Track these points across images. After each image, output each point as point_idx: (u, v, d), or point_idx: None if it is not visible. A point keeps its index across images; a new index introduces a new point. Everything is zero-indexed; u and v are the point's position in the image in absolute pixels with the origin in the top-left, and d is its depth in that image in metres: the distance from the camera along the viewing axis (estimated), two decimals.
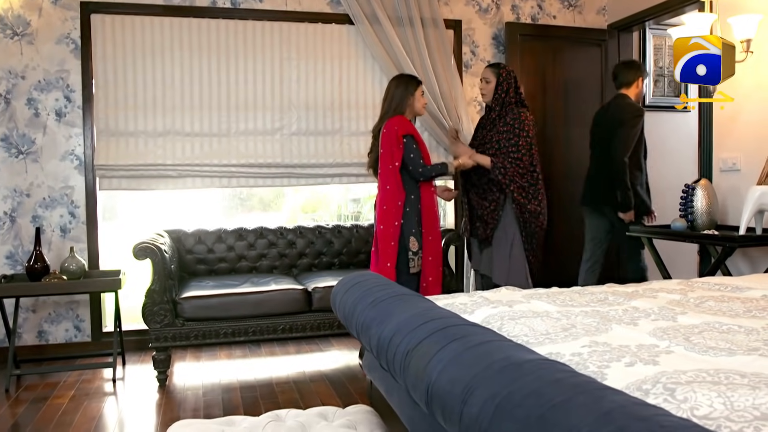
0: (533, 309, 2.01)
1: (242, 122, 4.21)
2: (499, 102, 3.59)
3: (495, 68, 3.64)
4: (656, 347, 1.55)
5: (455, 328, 1.44)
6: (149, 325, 3.41)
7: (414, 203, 3.42)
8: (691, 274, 4.24)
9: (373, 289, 1.98)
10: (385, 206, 3.35)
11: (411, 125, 3.45)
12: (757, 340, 1.59)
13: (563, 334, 1.69)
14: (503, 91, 3.59)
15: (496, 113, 3.61)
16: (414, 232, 3.38)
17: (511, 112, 3.54)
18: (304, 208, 6.68)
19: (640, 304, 2.07)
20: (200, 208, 5.20)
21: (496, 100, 3.59)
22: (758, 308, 1.98)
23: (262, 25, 4.23)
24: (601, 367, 1.41)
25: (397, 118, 3.40)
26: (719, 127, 3.83)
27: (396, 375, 1.54)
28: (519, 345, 1.32)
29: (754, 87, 3.51)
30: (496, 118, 3.61)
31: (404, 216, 3.38)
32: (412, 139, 3.38)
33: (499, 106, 3.60)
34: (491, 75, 3.62)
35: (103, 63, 3.98)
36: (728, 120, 3.75)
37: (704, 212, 3.58)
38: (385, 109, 3.48)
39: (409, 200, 3.41)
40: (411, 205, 3.41)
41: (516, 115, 3.53)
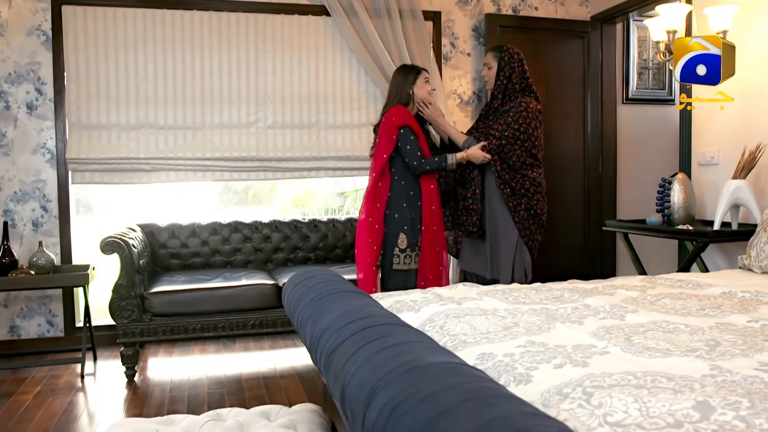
0: (482, 306, 1.97)
1: (217, 115, 4.16)
2: (501, 89, 3.26)
3: (497, 51, 3.32)
4: (593, 348, 1.50)
5: (377, 328, 1.39)
6: (116, 320, 3.38)
7: (413, 198, 3.23)
8: (671, 269, 4.19)
9: (317, 286, 1.94)
10: (368, 197, 3.26)
11: (409, 116, 3.23)
12: (700, 341, 1.54)
13: (503, 333, 1.64)
14: (505, 77, 3.25)
15: (499, 101, 3.28)
16: (406, 229, 3.20)
17: (515, 102, 3.21)
18: (295, 201, 6.64)
19: (594, 301, 2.02)
20: (192, 201, 5.11)
21: (498, 87, 3.26)
22: (713, 306, 1.93)
23: (237, 16, 4.17)
24: (529, 368, 1.36)
25: (395, 108, 3.23)
26: (698, 120, 3.76)
27: (322, 374, 1.49)
28: (436, 347, 1.27)
29: (730, 79, 3.43)
30: (498, 107, 3.28)
31: (399, 210, 3.22)
32: (409, 130, 3.18)
33: (501, 94, 3.27)
34: (492, 59, 3.31)
35: (75, 55, 3.93)
36: (707, 113, 3.69)
37: (681, 207, 3.52)
38: (386, 101, 3.35)
39: (407, 195, 3.23)
40: (409, 200, 3.23)
41: (516, 103, 3.19)
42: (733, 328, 1.67)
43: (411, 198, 3.23)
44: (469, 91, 4.59)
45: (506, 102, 3.25)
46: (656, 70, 4.99)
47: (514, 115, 3.16)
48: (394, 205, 3.23)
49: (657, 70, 4.99)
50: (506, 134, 3.16)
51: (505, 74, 3.25)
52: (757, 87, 3.31)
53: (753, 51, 3.32)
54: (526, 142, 3.19)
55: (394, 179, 3.25)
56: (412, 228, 3.22)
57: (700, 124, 3.76)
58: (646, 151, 4.90)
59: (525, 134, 3.18)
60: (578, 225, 4.75)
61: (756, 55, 3.31)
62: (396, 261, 3.23)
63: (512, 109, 3.18)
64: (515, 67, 3.25)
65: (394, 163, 3.24)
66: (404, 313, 1.96)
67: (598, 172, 4.77)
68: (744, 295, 2.10)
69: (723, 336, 1.58)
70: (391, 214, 3.23)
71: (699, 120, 3.76)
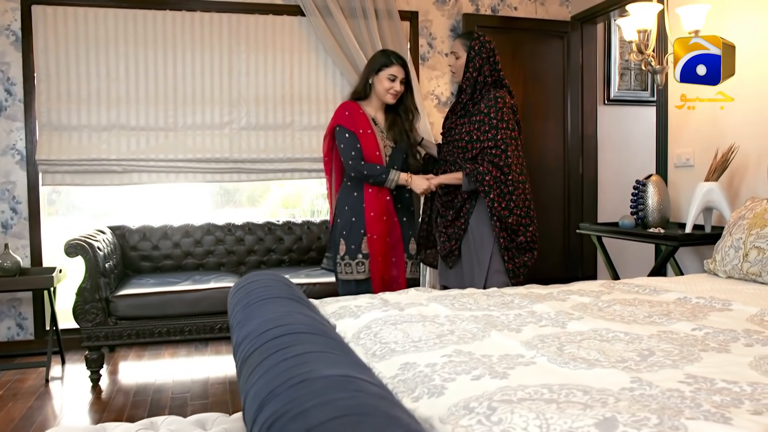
0: (424, 313, 1.91)
1: (189, 116, 4.11)
2: (471, 82, 2.89)
3: (466, 39, 2.95)
4: (521, 358, 1.45)
5: (289, 337, 1.34)
6: (80, 323, 3.33)
7: (356, 202, 2.98)
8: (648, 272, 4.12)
9: (255, 291, 1.90)
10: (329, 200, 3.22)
11: (348, 112, 2.96)
12: (634, 350, 1.49)
13: (433, 342, 1.59)
14: (474, 68, 2.88)
15: (468, 96, 2.91)
16: (345, 234, 2.98)
17: (486, 97, 2.86)
18: (285, 203, 6.59)
19: (541, 308, 1.97)
20: (184, 203, 4.90)
21: (467, 80, 2.89)
22: (662, 313, 1.88)
23: (210, 16, 4.13)
24: (446, 380, 1.31)
25: (344, 103, 3.03)
26: (674, 121, 3.71)
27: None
28: (342, 358, 1.22)
29: None
30: (467, 102, 2.92)
31: (341, 214, 3.01)
32: (342, 129, 2.95)
33: (470, 88, 2.90)
34: (461, 48, 2.94)
35: (45, 55, 3.89)
36: (682, 114, 3.63)
37: (655, 209, 3.47)
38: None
39: (351, 197, 2.99)
40: (352, 203, 2.98)
41: (492, 100, 2.84)
42: (674, 337, 1.61)
43: (354, 201, 2.99)
44: (447, 92, 4.54)
45: (475, 97, 2.90)
46: (638, 71, 4.93)
47: (496, 114, 2.81)
48: (339, 208, 3.04)
49: (639, 71, 4.93)
50: (502, 137, 2.80)
51: (475, 65, 2.88)
52: (730, 87, 3.25)
53: None
54: (514, 141, 2.85)
55: (343, 181, 3.10)
56: (350, 234, 2.98)
57: (676, 126, 3.70)
58: (628, 153, 4.84)
59: (515, 131, 2.87)
60: (558, 228, 4.69)
61: None
62: (339, 270, 3.02)
63: (491, 109, 2.82)
64: (486, 58, 2.88)
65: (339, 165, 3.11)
66: (345, 320, 1.91)
67: (579, 173, 4.71)
68: (698, 302, 2.04)
69: (660, 345, 1.53)
70: (335, 218, 3.06)
71: (675, 121, 3.70)
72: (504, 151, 2.81)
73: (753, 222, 2.52)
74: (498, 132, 2.80)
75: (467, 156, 2.89)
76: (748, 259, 2.44)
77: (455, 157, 2.95)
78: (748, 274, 2.44)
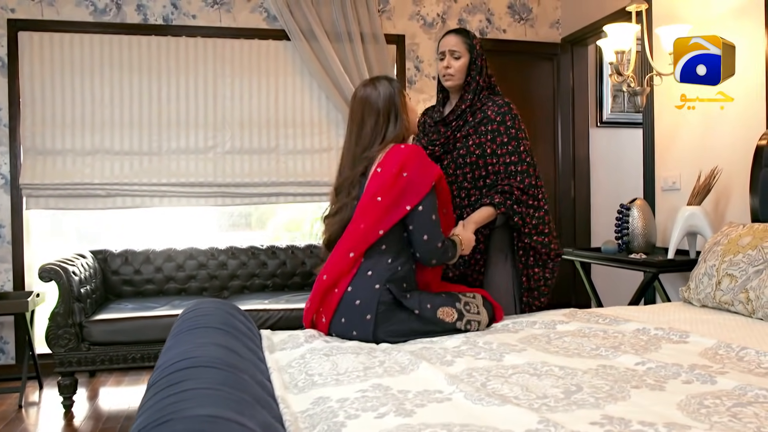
0: (362, 345, 1.85)
1: (174, 140, 4.11)
2: (473, 86, 2.42)
3: (466, 37, 2.45)
4: (438, 393, 1.38)
5: (188, 370, 1.29)
6: (53, 349, 3.30)
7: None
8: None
9: (190, 320, 1.85)
10: None
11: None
12: (561, 387, 1.40)
13: (356, 375, 1.53)
14: (477, 71, 2.41)
15: (467, 103, 2.42)
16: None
17: (493, 103, 2.41)
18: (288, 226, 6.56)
19: (487, 339, 1.89)
20: (186, 226, 4.83)
21: (469, 84, 2.42)
22: (612, 345, 1.79)
23: (195, 41, 4.15)
24: (350, 416, 1.25)
25: (420, 148, 2.26)
26: (661, 144, 3.62)
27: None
28: (231, 396, 1.15)
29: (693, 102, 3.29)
30: (466, 110, 2.43)
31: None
32: (434, 192, 2.23)
33: (471, 93, 2.42)
34: (462, 47, 2.42)
35: (31, 81, 3.93)
36: (669, 136, 3.54)
37: (640, 234, 3.36)
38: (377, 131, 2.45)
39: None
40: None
41: (503, 106, 2.40)
42: (612, 372, 1.52)
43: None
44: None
45: (475, 104, 2.42)
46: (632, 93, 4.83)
47: (512, 121, 2.40)
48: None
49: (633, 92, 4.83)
50: (525, 148, 2.41)
51: (478, 67, 2.42)
52: (714, 110, 3.16)
53: None
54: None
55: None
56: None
57: (663, 148, 3.61)
58: (621, 175, 4.74)
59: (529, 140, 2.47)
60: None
61: None
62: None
63: (505, 116, 2.39)
64: (484, 58, 2.48)
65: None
66: (286, 350, 1.84)
67: (571, 196, 4.62)
68: (656, 333, 1.94)
69: (593, 381, 1.44)
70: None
71: (662, 143, 3.61)
72: (531, 165, 2.40)
73: (727, 248, 2.41)
74: (519, 143, 2.39)
75: (482, 173, 2.41)
76: (721, 287, 2.33)
77: (463, 178, 2.44)
78: (721, 302, 2.34)
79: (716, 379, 1.44)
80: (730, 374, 1.51)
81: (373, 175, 2.07)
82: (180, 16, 4.13)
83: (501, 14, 4.60)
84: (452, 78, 2.45)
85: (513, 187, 2.35)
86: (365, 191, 2.07)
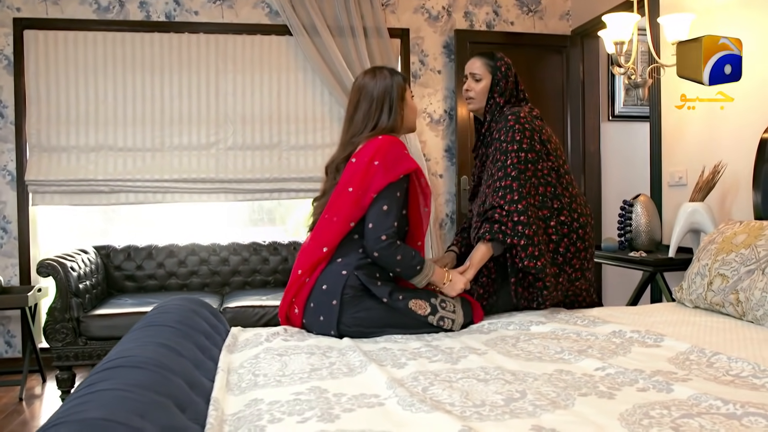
0: (321, 344, 1.80)
1: (176, 137, 4.13)
2: (492, 108, 2.35)
3: (490, 60, 2.37)
4: (375, 398, 1.33)
5: (113, 370, 1.28)
6: (50, 343, 3.34)
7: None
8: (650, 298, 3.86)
9: (150, 317, 1.84)
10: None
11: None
12: (504, 393, 1.34)
13: (300, 376, 1.49)
14: (500, 93, 2.33)
15: (486, 125, 2.37)
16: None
17: (503, 117, 2.29)
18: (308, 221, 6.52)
19: (454, 340, 1.83)
20: (203, 222, 4.77)
21: (489, 107, 2.35)
22: (578, 349, 1.71)
23: (197, 38, 4.15)
24: (273, 420, 1.22)
25: (398, 140, 2.14)
26: (668, 138, 3.48)
27: None
28: (141, 398, 1.12)
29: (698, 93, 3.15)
30: (485, 132, 2.38)
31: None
32: (403, 182, 2.14)
33: (490, 114, 2.36)
34: (484, 69, 2.35)
35: (36, 79, 3.98)
36: (676, 130, 3.41)
37: (643, 231, 3.25)
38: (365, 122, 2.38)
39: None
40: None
41: (508, 120, 2.24)
42: (566, 378, 1.45)
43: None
44: (440, 110, 4.42)
45: (492, 125, 2.35)
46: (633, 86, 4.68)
47: (506, 134, 2.24)
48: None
49: (634, 85, 4.68)
50: (511, 161, 2.20)
51: (501, 90, 2.34)
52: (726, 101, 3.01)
53: None
54: (541, 158, 2.26)
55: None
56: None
57: (670, 143, 3.47)
58: (634, 170, 4.58)
59: (531, 153, 2.23)
60: None
61: None
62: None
63: (501, 131, 2.26)
64: (512, 81, 2.37)
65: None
66: (245, 349, 1.81)
67: (581, 191, 4.49)
68: (632, 336, 1.85)
69: (541, 387, 1.38)
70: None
71: (669, 138, 3.48)
72: (516, 179, 2.16)
73: (720, 247, 2.30)
74: (507, 156, 2.20)
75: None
76: (712, 287, 2.22)
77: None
78: (712, 304, 2.22)
79: (673, 387, 1.35)
80: (692, 382, 1.42)
81: (348, 164, 2.05)
82: (182, 13, 4.14)
83: (509, 6, 4.49)
84: (472, 101, 2.40)
85: (495, 207, 2.16)
86: (339, 180, 2.05)
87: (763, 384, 1.40)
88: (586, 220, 2.32)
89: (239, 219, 4.72)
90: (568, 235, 2.27)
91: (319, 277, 2.00)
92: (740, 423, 1.16)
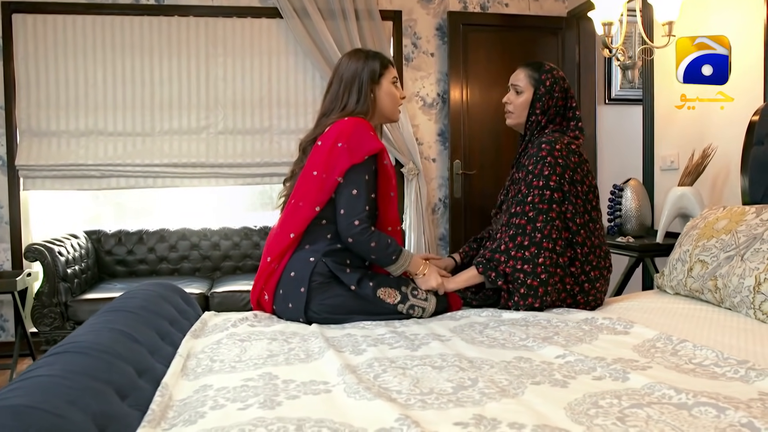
0: (288, 330, 1.79)
1: (166, 121, 4.11)
2: (533, 125, 2.15)
3: (535, 72, 2.15)
4: (322, 385, 1.31)
5: (60, 356, 1.28)
6: (38, 327, 3.37)
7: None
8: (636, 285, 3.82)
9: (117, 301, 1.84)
10: None
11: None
12: (455, 381, 1.33)
13: (254, 362, 1.48)
14: (543, 109, 2.12)
15: (522, 147, 2.20)
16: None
17: (537, 143, 2.07)
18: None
19: (421, 327, 1.81)
20: (210, 206, 4.70)
21: (530, 126, 2.16)
22: (544, 337, 1.69)
23: (187, 21, 4.11)
24: (215, 407, 1.21)
25: (364, 121, 2.07)
26: (660, 122, 3.42)
27: None
28: (76, 384, 1.11)
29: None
30: (522, 152, 2.20)
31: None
32: (370, 163, 2.09)
33: (529, 132, 2.17)
34: (526, 81, 2.15)
35: (25, 63, 3.97)
36: (667, 114, 3.35)
37: (633, 216, 3.22)
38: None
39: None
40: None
41: (545, 146, 2.04)
42: (523, 366, 1.43)
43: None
44: (433, 93, 4.37)
45: (529, 145, 2.15)
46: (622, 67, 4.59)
47: (535, 166, 2.04)
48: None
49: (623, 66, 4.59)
50: (532, 200, 2.02)
51: (544, 106, 2.12)
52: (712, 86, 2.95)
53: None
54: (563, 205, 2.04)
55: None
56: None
57: (662, 126, 3.42)
58: (630, 154, 4.50)
59: (558, 192, 2.02)
60: None
61: None
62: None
63: (531, 159, 2.06)
64: (558, 98, 2.13)
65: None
66: (212, 334, 1.79)
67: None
68: (602, 323, 1.82)
69: (495, 375, 1.35)
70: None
71: (661, 122, 3.42)
72: (532, 220, 2.00)
73: (702, 232, 2.25)
74: (530, 191, 2.02)
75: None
76: (692, 274, 2.18)
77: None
78: (692, 290, 2.19)
79: (629, 376, 1.32)
80: (652, 370, 1.39)
81: (314, 147, 2.02)
82: None
83: None
84: (510, 115, 2.21)
85: (500, 248, 2.02)
86: (306, 164, 2.03)
87: (723, 373, 1.36)
88: (599, 274, 2.13)
89: (241, 204, 4.69)
90: (581, 284, 2.10)
91: (287, 264, 1.98)
92: (689, 413, 1.13)
